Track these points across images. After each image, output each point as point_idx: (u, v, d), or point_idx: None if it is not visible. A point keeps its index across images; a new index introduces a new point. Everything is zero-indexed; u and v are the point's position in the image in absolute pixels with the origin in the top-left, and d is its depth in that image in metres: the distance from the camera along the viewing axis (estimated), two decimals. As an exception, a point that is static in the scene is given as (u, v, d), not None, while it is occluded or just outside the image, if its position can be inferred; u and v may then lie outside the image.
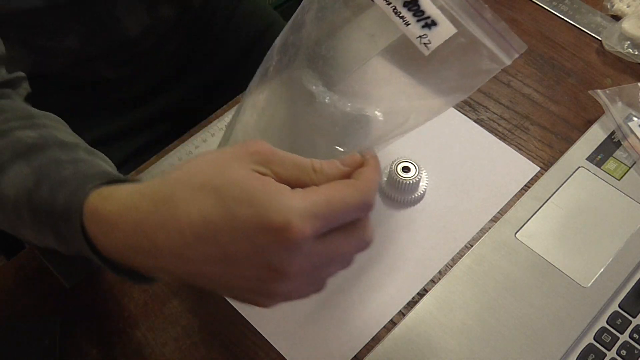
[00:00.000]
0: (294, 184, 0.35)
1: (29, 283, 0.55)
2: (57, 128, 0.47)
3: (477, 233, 0.58)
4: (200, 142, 0.64)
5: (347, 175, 0.37)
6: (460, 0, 0.43)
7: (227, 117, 0.66)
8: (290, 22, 0.47)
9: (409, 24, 0.43)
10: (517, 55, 0.42)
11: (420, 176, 0.59)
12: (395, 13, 0.43)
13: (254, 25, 0.84)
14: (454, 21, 0.43)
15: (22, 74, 0.50)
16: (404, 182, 0.58)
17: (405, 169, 0.59)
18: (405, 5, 0.43)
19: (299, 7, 0.47)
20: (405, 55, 0.45)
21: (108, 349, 0.52)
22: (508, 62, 0.42)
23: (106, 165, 0.45)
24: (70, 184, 0.40)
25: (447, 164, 0.63)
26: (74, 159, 0.43)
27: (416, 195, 0.60)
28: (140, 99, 0.76)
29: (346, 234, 0.36)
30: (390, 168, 0.59)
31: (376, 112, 0.45)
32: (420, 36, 0.43)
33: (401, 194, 0.59)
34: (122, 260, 0.38)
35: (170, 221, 0.34)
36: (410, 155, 0.60)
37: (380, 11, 0.44)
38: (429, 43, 0.42)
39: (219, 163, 0.35)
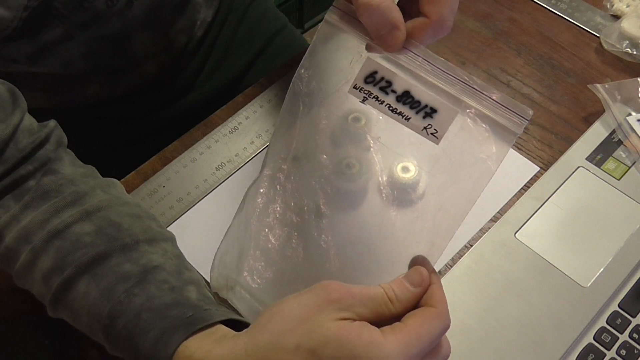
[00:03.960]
0: (375, 318, 0.38)
1: (29, 283, 0.55)
2: (110, 204, 0.47)
3: (476, 233, 0.58)
4: (204, 149, 0.64)
5: (419, 297, 0.40)
6: (450, 78, 0.41)
7: (231, 123, 0.66)
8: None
9: (409, 118, 0.42)
10: (526, 122, 0.41)
11: (420, 176, 0.59)
12: (392, 110, 0.42)
13: (266, 27, 0.84)
14: (452, 101, 0.41)
15: (53, 123, 0.49)
16: (404, 182, 0.58)
17: (405, 169, 0.59)
18: (398, 100, 0.42)
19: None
20: (422, 152, 0.44)
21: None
22: (519, 130, 0.41)
23: (172, 261, 0.46)
24: (150, 331, 0.41)
25: (447, 163, 0.63)
26: (139, 272, 0.43)
27: (416, 195, 0.60)
28: (151, 111, 0.77)
29: (431, 355, 0.39)
30: (390, 168, 0.59)
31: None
32: (425, 127, 0.41)
33: (401, 193, 0.59)
34: None
35: None
36: (410, 155, 0.60)
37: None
38: (436, 132, 0.41)
39: (306, 319, 0.37)
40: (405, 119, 0.42)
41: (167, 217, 0.59)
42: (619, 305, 0.54)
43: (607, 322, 0.53)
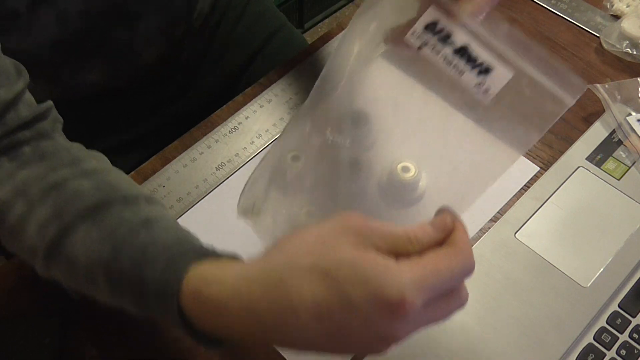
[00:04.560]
0: (391, 254, 0.36)
1: (29, 283, 0.55)
2: (106, 170, 0.47)
3: (476, 233, 0.58)
4: (204, 149, 0.64)
5: (441, 242, 0.38)
6: (512, 42, 0.41)
7: (231, 123, 0.66)
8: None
9: (463, 73, 0.42)
10: (579, 95, 0.40)
11: (420, 176, 0.59)
12: (447, 62, 0.42)
13: (265, 26, 0.84)
14: (509, 64, 0.41)
15: (50, 103, 0.49)
16: (404, 181, 0.58)
17: (405, 169, 0.59)
18: (455, 53, 0.42)
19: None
20: (466, 105, 0.44)
21: (108, 349, 0.52)
22: (571, 102, 0.41)
23: (172, 220, 0.45)
24: (158, 260, 0.40)
25: (447, 163, 0.63)
26: (142, 220, 0.43)
27: (415, 195, 0.60)
28: (152, 109, 0.77)
29: (448, 299, 0.37)
30: (390, 168, 0.59)
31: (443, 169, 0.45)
32: (477, 84, 0.42)
33: (400, 193, 0.59)
34: (219, 337, 0.39)
35: (283, 305, 0.35)
36: (409, 155, 0.60)
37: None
38: (488, 90, 0.41)
39: (322, 242, 0.36)
40: (459, 72, 0.42)
41: (167, 217, 0.59)
42: (619, 305, 0.54)
43: (607, 322, 0.53)
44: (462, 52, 0.42)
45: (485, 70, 0.41)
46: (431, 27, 0.42)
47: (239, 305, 0.36)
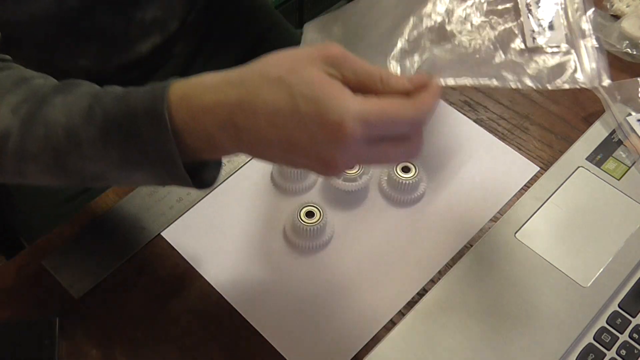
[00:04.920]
0: (359, 89, 0.39)
1: (29, 283, 0.55)
2: None
3: (476, 233, 0.58)
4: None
5: (409, 93, 0.40)
6: (587, 31, 0.49)
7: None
8: None
9: (529, 17, 0.48)
10: (597, 85, 0.47)
11: (420, 176, 0.59)
12: (526, 4, 0.49)
13: (258, 24, 0.84)
14: (567, 37, 0.48)
15: (8, 57, 0.50)
16: (404, 182, 0.58)
17: (405, 169, 0.59)
18: (538, 2, 0.49)
19: None
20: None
21: (108, 349, 0.52)
22: (589, 85, 0.48)
23: None
24: (139, 90, 0.42)
25: (447, 163, 0.63)
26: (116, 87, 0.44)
27: (416, 195, 0.60)
28: None
29: (395, 144, 0.40)
30: (390, 168, 0.59)
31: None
32: (533, 30, 0.48)
33: (401, 193, 0.59)
34: (202, 148, 0.41)
35: (250, 108, 0.39)
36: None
37: None
38: (536, 38, 0.48)
39: (296, 60, 0.40)
40: (527, 14, 0.48)
41: (167, 217, 0.59)
42: (619, 305, 0.54)
43: (607, 322, 0.53)
44: (546, 7, 0.49)
45: (547, 27, 0.49)
46: None
47: (222, 103, 0.39)
